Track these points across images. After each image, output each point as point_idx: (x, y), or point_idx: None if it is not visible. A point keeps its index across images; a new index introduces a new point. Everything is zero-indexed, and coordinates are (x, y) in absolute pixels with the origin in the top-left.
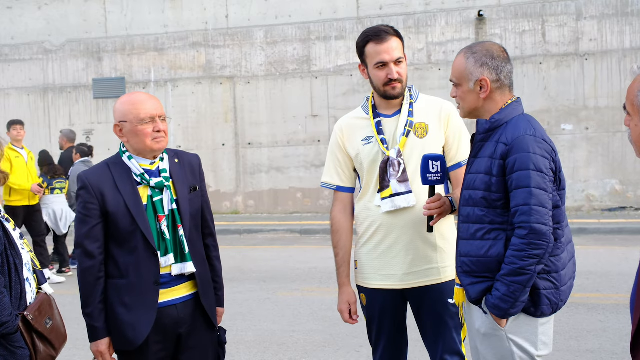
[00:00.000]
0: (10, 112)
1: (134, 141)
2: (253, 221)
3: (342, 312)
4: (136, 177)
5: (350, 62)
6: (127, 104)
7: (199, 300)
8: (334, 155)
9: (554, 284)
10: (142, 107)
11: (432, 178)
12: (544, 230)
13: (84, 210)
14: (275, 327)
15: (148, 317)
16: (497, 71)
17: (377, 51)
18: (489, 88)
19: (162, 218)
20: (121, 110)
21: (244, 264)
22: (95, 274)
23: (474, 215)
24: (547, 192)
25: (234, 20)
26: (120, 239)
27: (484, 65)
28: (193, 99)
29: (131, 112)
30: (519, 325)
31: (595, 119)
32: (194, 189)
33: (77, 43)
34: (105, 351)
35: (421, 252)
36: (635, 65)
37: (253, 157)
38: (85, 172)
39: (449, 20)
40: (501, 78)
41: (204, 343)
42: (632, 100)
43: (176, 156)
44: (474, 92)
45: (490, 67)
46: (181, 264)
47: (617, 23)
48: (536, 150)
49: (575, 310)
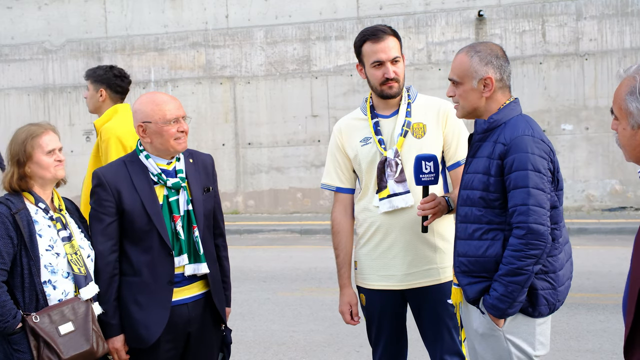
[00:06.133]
0: (10, 112)
1: (158, 141)
2: (253, 221)
3: (343, 314)
4: (153, 176)
5: (350, 62)
6: (152, 104)
7: (208, 299)
8: (333, 156)
9: (551, 284)
10: (167, 108)
11: (425, 178)
12: (541, 230)
13: (99, 207)
14: (275, 327)
15: (161, 316)
16: (501, 71)
17: (373, 50)
18: (493, 87)
19: (178, 218)
20: (144, 110)
21: (244, 264)
22: (110, 272)
23: (471, 215)
24: (545, 193)
25: (234, 20)
26: (135, 238)
27: (489, 64)
28: (193, 99)
29: (156, 112)
30: (516, 326)
31: (595, 119)
32: (208, 189)
33: (77, 43)
34: (121, 348)
35: (420, 252)
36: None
37: (253, 157)
38: (101, 169)
39: (449, 20)
40: (504, 78)
41: (211, 342)
42: (619, 104)
43: (191, 156)
44: (476, 91)
45: (495, 66)
46: (195, 265)
47: (617, 23)
48: (534, 151)
49: (575, 310)
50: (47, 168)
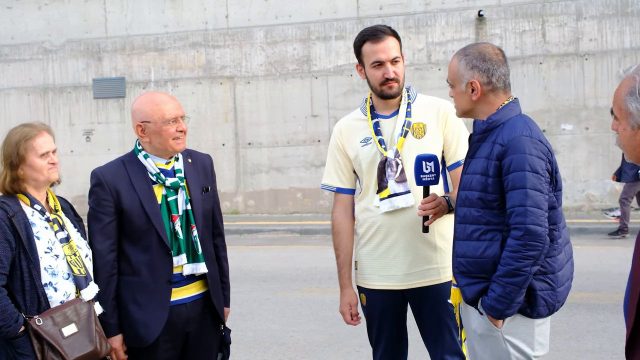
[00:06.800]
0: (10, 112)
1: (157, 141)
2: (253, 221)
3: (343, 314)
4: (152, 176)
5: (350, 62)
6: (151, 104)
7: (207, 299)
8: (333, 157)
9: (550, 285)
10: (166, 108)
11: (425, 178)
12: (539, 231)
13: (97, 207)
14: (275, 327)
15: (160, 316)
16: (488, 74)
17: (373, 50)
18: (480, 90)
19: (176, 218)
20: (143, 110)
21: (244, 264)
22: (109, 271)
23: (470, 216)
24: (542, 193)
25: (234, 20)
26: (134, 237)
27: (474, 68)
28: (193, 99)
29: (156, 112)
30: (515, 326)
31: (595, 119)
32: (207, 189)
33: (77, 43)
34: (119, 348)
35: (421, 252)
36: (621, 69)
37: (253, 157)
38: (100, 168)
39: (449, 20)
40: (492, 81)
41: (209, 342)
42: (619, 105)
43: (189, 156)
44: (465, 94)
45: (481, 70)
46: (193, 264)
47: (617, 23)
48: (532, 151)
49: (575, 310)
50: (41, 171)
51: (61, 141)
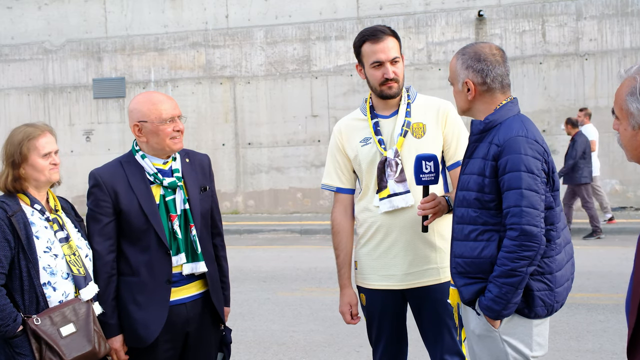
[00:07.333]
0: (10, 112)
1: (154, 141)
2: (253, 221)
3: (343, 314)
4: (149, 176)
5: (350, 62)
6: (148, 103)
7: (207, 299)
8: (333, 157)
9: (548, 286)
10: (163, 107)
11: (425, 178)
12: (534, 231)
13: (96, 207)
14: (275, 327)
15: (160, 316)
16: (483, 74)
17: (373, 50)
18: (475, 90)
19: (175, 218)
20: (140, 110)
21: (244, 264)
22: (108, 272)
23: (467, 216)
24: (538, 194)
25: (234, 20)
26: (132, 238)
27: (469, 68)
28: (193, 99)
29: (152, 112)
30: (513, 327)
31: (595, 119)
32: (205, 189)
33: (77, 43)
34: (120, 348)
35: (421, 252)
36: (622, 69)
37: (253, 157)
38: (97, 169)
39: (449, 20)
40: (487, 81)
41: (209, 342)
42: (620, 105)
43: (187, 156)
44: (462, 93)
45: (475, 70)
46: (193, 264)
47: (617, 23)
48: (527, 152)
49: (575, 310)
50: (42, 171)
51: (61, 141)
